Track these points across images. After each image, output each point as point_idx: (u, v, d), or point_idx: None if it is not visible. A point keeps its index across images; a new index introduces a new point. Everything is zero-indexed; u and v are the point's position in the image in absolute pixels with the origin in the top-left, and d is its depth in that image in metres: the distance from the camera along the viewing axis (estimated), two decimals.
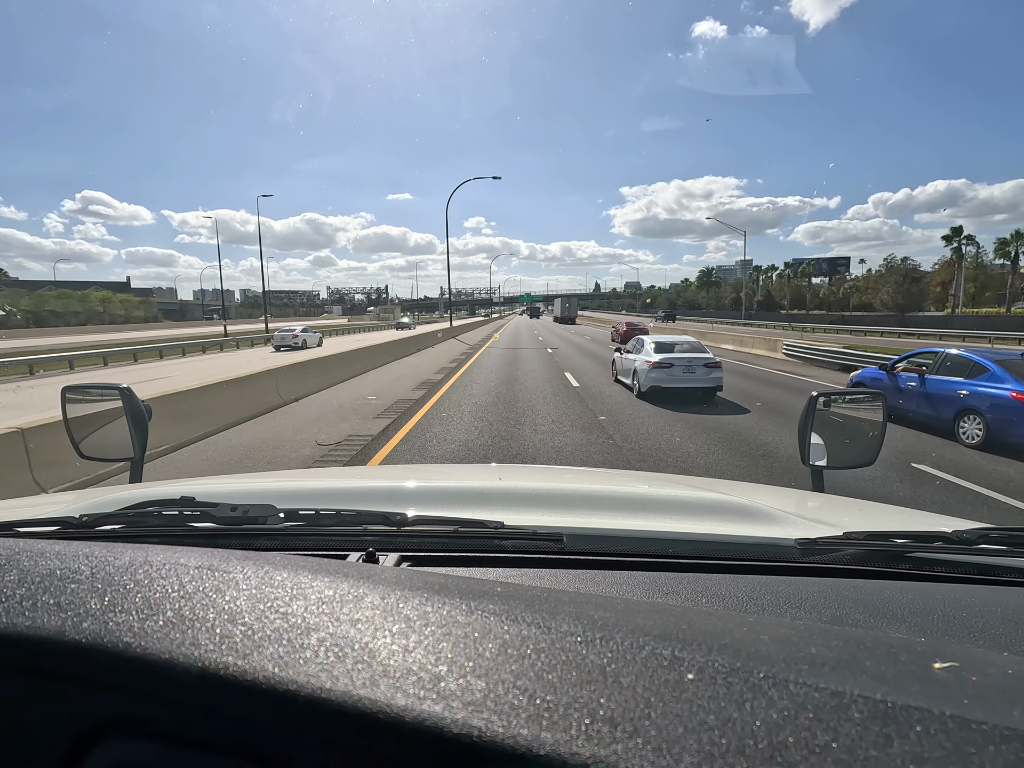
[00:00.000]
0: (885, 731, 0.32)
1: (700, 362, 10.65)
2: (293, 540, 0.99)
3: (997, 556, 0.97)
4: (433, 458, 6.58)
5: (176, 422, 7.11)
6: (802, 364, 18.22)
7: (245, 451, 6.96)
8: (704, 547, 1.01)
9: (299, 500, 1.27)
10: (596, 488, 1.48)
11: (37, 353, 23.14)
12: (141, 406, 1.61)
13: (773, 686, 0.36)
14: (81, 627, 0.44)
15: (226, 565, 0.55)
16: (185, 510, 1.03)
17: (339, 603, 0.48)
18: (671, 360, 10.66)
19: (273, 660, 0.40)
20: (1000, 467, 6.48)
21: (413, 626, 0.44)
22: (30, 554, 0.56)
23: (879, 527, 1.34)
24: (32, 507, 1.36)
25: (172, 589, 0.49)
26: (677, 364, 10.60)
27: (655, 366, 10.60)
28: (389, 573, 0.58)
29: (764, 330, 46.77)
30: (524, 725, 0.34)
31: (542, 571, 0.94)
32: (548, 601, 0.50)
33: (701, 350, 11.11)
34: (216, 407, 8.31)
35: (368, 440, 7.50)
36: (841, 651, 0.43)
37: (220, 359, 24.43)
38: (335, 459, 6.62)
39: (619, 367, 12.94)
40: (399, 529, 0.98)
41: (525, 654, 0.40)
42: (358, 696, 0.37)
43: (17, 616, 0.45)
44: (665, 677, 0.38)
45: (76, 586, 0.50)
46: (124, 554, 0.56)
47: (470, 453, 6.76)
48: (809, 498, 1.57)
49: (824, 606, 0.83)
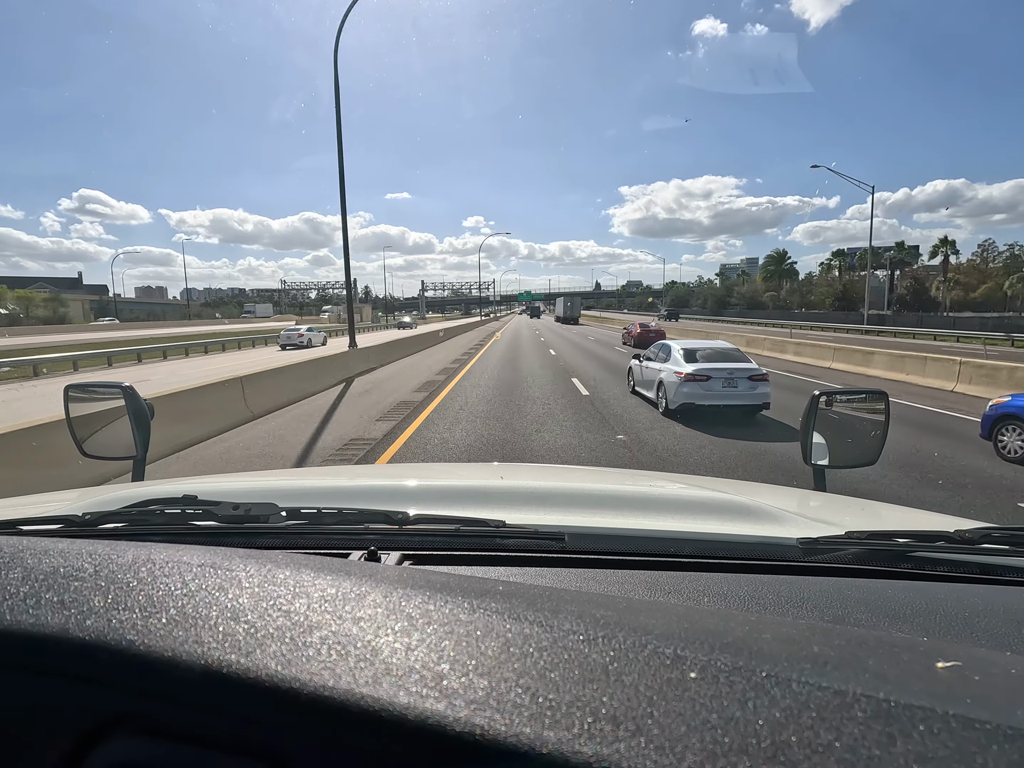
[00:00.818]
0: (888, 730, 0.32)
1: (743, 374, 8.57)
2: (295, 539, 0.99)
3: (1000, 556, 0.97)
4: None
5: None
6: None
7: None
8: (706, 546, 1.01)
9: (301, 499, 1.27)
10: (598, 487, 1.48)
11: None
12: (143, 405, 1.61)
13: (776, 685, 0.36)
14: (84, 625, 0.44)
15: (229, 563, 0.55)
16: (187, 508, 1.03)
17: (341, 601, 0.48)
18: (707, 371, 8.57)
19: (276, 658, 0.40)
20: None
21: (415, 624, 0.44)
22: (34, 552, 0.56)
23: (881, 526, 1.33)
24: (35, 505, 1.36)
25: (175, 587, 0.50)
26: (716, 376, 8.52)
27: (688, 378, 8.57)
28: (391, 572, 0.58)
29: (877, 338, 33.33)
30: (527, 723, 0.34)
31: (544, 570, 0.94)
32: (550, 600, 0.50)
33: (742, 359, 9.15)
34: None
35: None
36: (843, 650, 0.43)
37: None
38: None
39: (637, 377, 10.94)
40: (401, 528, 0.98)
41: (527, 653, 0.40)
42: (361, 694, 0.37)
43: (21, 614, 0.46)
44: (667, 676, 0.38)
45: (79, 584, 0.50)
46: (127, 552, 0.57)
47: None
48: (811, 497, 1.57)
49: (826, 605, 0.83)
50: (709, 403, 8.54)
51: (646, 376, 10.29)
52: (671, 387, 8.86)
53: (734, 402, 8.60)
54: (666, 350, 9.77)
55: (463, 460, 6.83)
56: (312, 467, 5.79)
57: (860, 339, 33.10)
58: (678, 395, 8.67)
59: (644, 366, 10.50)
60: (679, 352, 9.25)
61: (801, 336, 31.12)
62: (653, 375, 9.78)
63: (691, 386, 8.57)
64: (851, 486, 5.10)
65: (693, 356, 9.08)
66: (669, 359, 9.39)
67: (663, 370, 9.33)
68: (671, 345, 9.77)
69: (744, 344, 22.42)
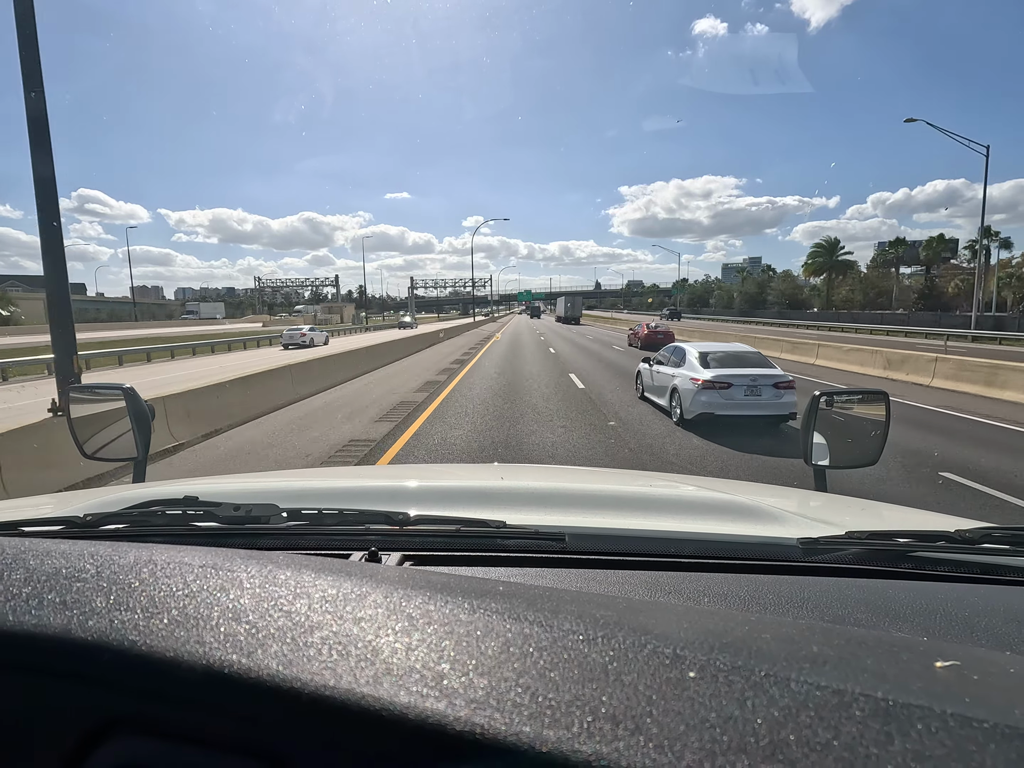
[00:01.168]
0: (886, 729, 0.33)
1: (767, 380, 7.70)
2: (296, 539, 1.00)
3: (1000, 555, 0.97)
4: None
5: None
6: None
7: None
8: (706, 546, 1.01)
9: (302, 500, 1.27)
10: (598, 487, 1.48)
11: None
12: (144, 406, 1.62)
13: (774, 684, 0.37)
14: (87, 625, 0.44)
15: (230, 564, 0.55)
16: (189, 510, 1.03)
17: (342, 602, 0.48)
18: (727, 378, 7.70)
19: (277, 658, 0.40)
20: None
21: (416, 624, 0.44)
22: (36, 553, 0.56)
23: (882, 526, 1.33)
24: (37, 507, 1.37)
25: (176, 588, 0.50)
26: (737, 383, 7.65)
27: (706, 385, 7.72)
28: (392, 572, 0.58)
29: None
30: (526, 723, 0.34)
31: (544, 570, 0.94)
32: (550, 600, 0.50)
33: (765, 363, 8.24)
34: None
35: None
36: (843, 650, 0.43)
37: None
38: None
39: (647, 382, 10.06)
40: (402, 528, 0.98)
41: (527, 652, 0.41)
42: (361, 694, 0.37)
43: (24, 615, 0.46)
44: (667, 675, 0.38)
45: (81, 585, 0.50)
46: (129, 553, 0.57)
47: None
48: (812, 497, 1.57)
49: (826, 605, 0.83)
50: (729, 413, 7.69)
51: (657, 382, 9.43)
52: (687, 395, 7.99)
53: (757, 412, 7.73)
54: (679, 354, 8.91)
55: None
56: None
57: (995, 350, 23.60)
58: (695, 404, 7.82)
59: (655, 371, 9.60)
60: (694, 356, 8.42)
61: (890, 344, 24.10)
62: (665, 381, 8.91)
63: (709, 394, 7.72)
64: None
65: (710, 360, 8.22)
66: (683, 363, 8.53)
67: (677, 376, 8.46)
68: (685, 348, 8.94)
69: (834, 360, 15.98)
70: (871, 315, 48.59)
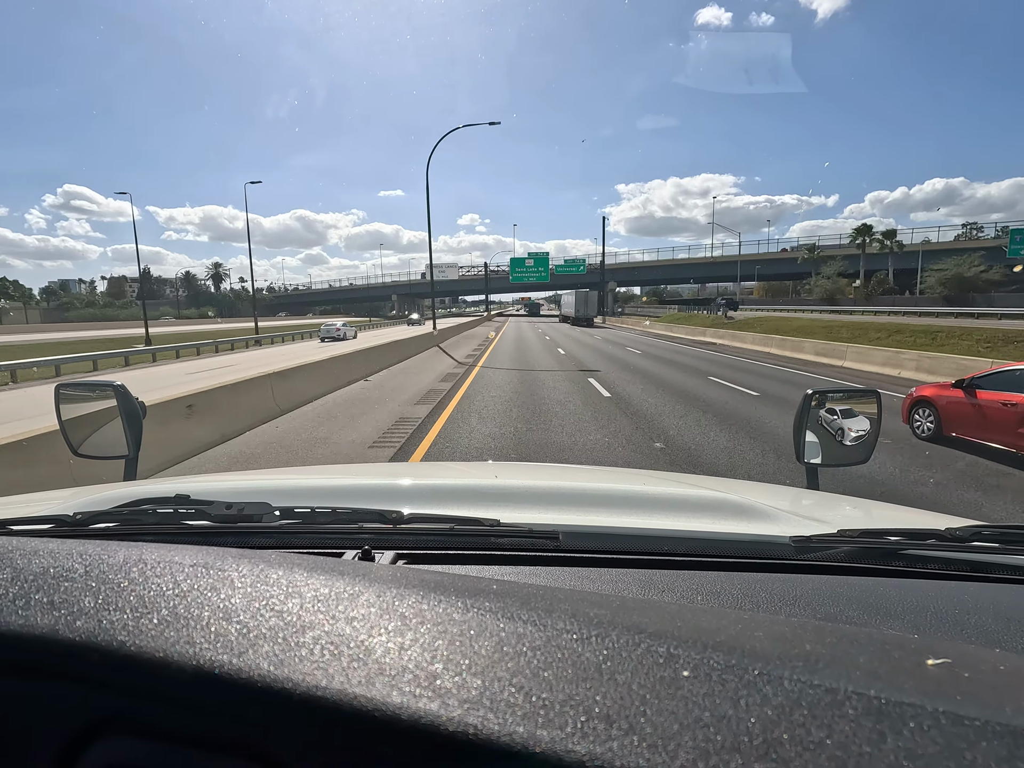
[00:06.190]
0: (879, 727, 0.33)
1: None
2: (288, 538, 0.99)
3: (990, 553, 0.98)
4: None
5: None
6: None
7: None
8: (699, 544, 1.01)
9: (294, 498, 1.27)
10: (592, 486, 1.48)
11: None
12: (135, 404, 1.61)
13: (768, 683, 0.37)
14: (75, 625, 0.44)
15: (221, 563, 0.54)
16: (179, 508, 1.02)
17: (335, 601, 0.48)
18: None
19: (268, 658, 0.40)
20: None
21: (409, 624, 0.44)
22: (23, 552, 0.55)
23: (873, 524, 1.34)
24: (25, 505, 1.35)
25: (167, 587, 0.49)
26: None
27: None
28: (385, 571, 0.58)
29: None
30: (520, 722, 0.34)
31: (538, 569, 0.94)
32: (544, 599, 0.50)
33: None
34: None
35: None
36: (835, 648, 0.43)
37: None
38: None
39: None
40: (395, 527, 0.98)
41: (521, 652, 0.40)
42: (353, 694, 0.37)
43: (10, 615, 0.45)
44: (660, 674, 0.38)
45: (70, 584, 0.49)
46: (118, 552, 0.56)
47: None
48: (804, 495, 1.58)
49: (819, 603, 0.84)
50: None
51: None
52: None
53: None
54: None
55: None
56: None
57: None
58: None
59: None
60: None
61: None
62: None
63: None
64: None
65: None
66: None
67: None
68: None
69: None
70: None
